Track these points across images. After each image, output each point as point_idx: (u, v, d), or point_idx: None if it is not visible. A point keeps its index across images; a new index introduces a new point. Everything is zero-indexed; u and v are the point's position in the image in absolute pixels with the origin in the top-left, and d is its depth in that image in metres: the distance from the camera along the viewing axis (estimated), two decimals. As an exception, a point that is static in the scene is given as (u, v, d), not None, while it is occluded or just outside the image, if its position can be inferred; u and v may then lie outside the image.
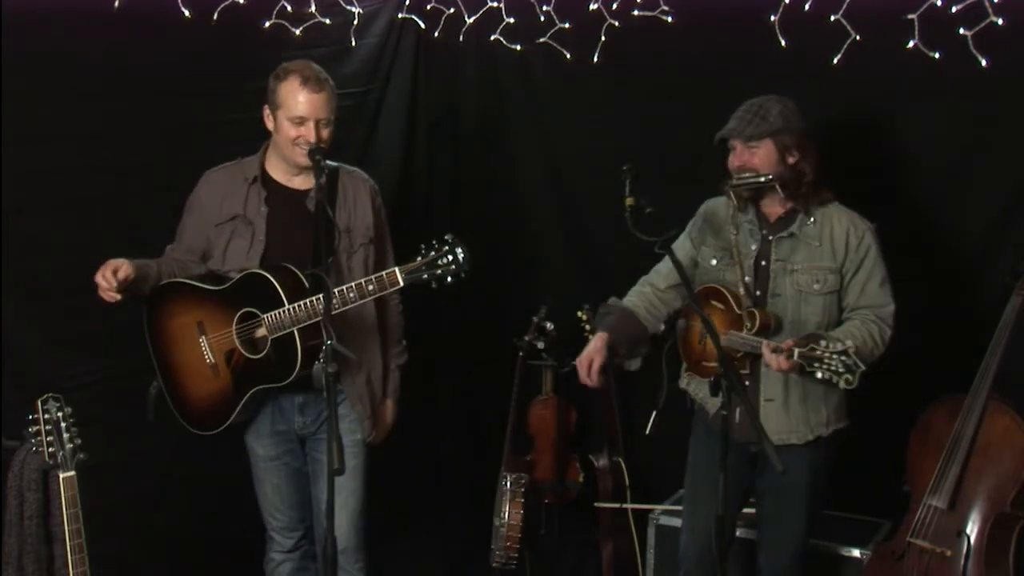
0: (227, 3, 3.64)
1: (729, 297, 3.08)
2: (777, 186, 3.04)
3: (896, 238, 3.65)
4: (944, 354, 3.59)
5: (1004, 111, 3.38)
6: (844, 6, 3.42)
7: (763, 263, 3.10)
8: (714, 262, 3.18)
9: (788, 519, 3.17)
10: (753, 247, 3.12)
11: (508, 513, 3.91)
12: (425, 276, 2.80)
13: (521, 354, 3.95)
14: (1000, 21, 3.22)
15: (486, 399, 4.45)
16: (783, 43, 3.54)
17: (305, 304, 2.88)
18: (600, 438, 3.97)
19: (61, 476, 2.68)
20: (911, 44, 3.36)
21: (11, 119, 3.13)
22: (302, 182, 3.12)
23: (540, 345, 3.94)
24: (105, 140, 3.41)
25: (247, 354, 3.00)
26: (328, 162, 3.07)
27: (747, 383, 3.11)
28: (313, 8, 3.91)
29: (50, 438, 2.67)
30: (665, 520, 3.77)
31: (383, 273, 2.86)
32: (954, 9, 3.29)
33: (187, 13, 3.54)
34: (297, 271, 2.98)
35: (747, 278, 3.10)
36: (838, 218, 3.10)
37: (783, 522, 3.19)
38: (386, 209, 3.30)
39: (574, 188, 4.24)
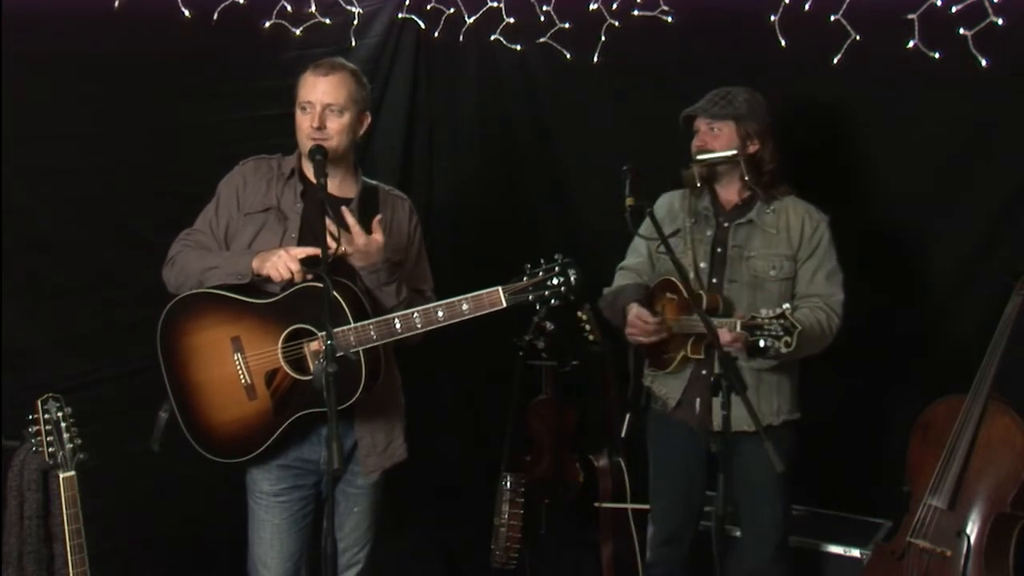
0: (227, 3, 3.64)
1: (680, 286, 3.09)
2: (741, 162, 3.08)
3: (896, 238, 3.66)
4: (944, 354, 3.59)
5: (1004, 111, 3.38)
6: (844, 6, 3.42)
7: (719, 250, 3.12)
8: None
9: (761, 514, 3.19)
10: (709, 233, 3.14)
11: (508, 513, 3.90)
12: (531, 298, 2.63)
13: (521, 354, 3.94)
14: (1000, 21, 3.22)
15: (486, 399, 4.45)
16: (783, 43, 3.54)
17: (378, 324, 2.67)
18: (600, 438, 3.97)
19: (61, 476, 2.68)
20: (911, 44, 3.35)
21: (11, 119, 3.12)
22: (340, 188, 2.91)
23: (540, 345, 3.93)
24: (105, 140, 3.41)
25: (294, 375, 2.76)
26: (368, 180, 2.98)
27: (703, 371, 3.15)
28: (313, 8, 3.91)
29: (50, 438, 2.67)
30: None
31: (483, 293, 2.64)
32: (954, 9, 3.28)
33: (187, 13, 3.54)
34: (355, 287, 2.75)
35: (702, 264, 3.15)
36: (794, 208, 3.17)
37: (756, 519, 3.22)
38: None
39: (574, 188, 4.24)
